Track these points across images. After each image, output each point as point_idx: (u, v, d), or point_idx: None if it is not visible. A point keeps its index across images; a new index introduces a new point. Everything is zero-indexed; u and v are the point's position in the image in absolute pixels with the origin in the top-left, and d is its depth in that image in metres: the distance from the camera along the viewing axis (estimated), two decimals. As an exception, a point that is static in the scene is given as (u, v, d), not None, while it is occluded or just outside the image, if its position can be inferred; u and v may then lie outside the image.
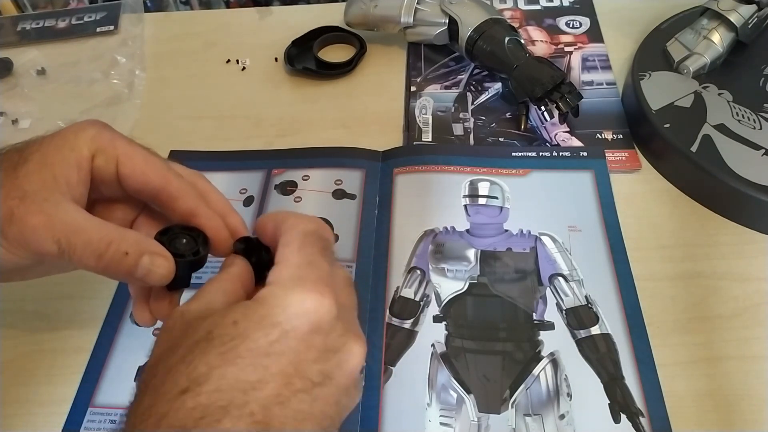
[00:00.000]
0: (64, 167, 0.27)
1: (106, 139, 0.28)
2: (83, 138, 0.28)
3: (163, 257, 0.27)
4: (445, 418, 0.34)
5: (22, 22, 0.64)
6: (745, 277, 0.39)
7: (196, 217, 0.29)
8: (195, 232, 0.28)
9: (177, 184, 0.29)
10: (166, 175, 0.29)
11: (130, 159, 0.28)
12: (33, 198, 0.26)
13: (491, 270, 0.39)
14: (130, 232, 0.27)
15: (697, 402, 0.34)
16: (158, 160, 0.29)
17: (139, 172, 0.28)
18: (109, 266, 0.26)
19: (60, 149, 0.27)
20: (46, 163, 0.27)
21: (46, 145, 0.28)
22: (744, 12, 0.47)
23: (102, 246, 0.26)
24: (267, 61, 0.58)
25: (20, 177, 0.26)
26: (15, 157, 0.27)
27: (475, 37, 0.50)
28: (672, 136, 0.43)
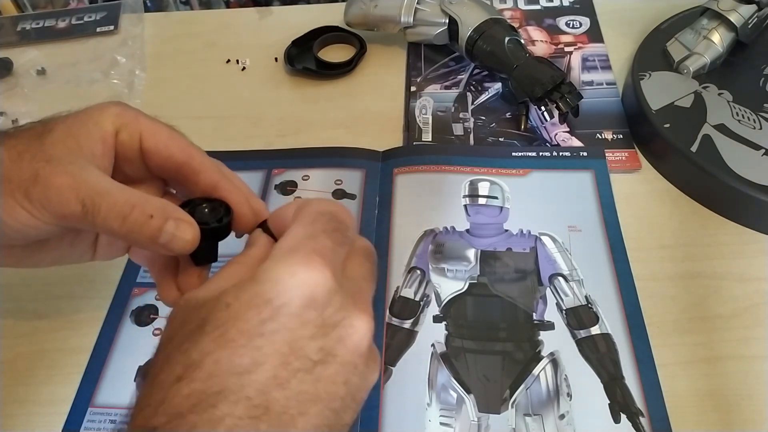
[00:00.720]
0: (89, 139, 0.27)
1: (130, 115, 0.29)
2: (107, 114, 0.28)
3: (188, 223, 0.26)
4: (445, 418, 0.34)
5: (22, 22, 0.64)
6: (746, 277, 0.39)
7: (218, 190, 0.29)
8: (217, 203, 0.28)
9: (200, 158, 0.29)
10: (189, 150, 0.29)
11: (153, 134, 0.28)
12: (59, 161, 0.26)
13: (491, 270, 0.39)
14: (155, 198, 0.27)
15: (697, 402, 0.34)
16: (181, 136, 0.29)
17: (163, 146, 0.28)
18: (132, 230, 0.26)
19: (85, 123, 0.28)
20: (71, 134, 0.27)
21: (71, 119, 0.28)
22: (744, 12, 0.47)
23: (126, 208, 0.25)
24: (267, 61, 0.58)
25: (46, 144, 0.26)
26: (39, 128, 0.27)
27: (475, 37, 0.50)
28: (672, 136, 0.43)
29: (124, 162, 0.29)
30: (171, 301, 0.30)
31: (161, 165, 0.29)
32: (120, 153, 0.29)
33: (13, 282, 0.41)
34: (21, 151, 0.26)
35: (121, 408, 0.35)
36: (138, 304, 0.40)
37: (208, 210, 0.28)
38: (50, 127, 0.27)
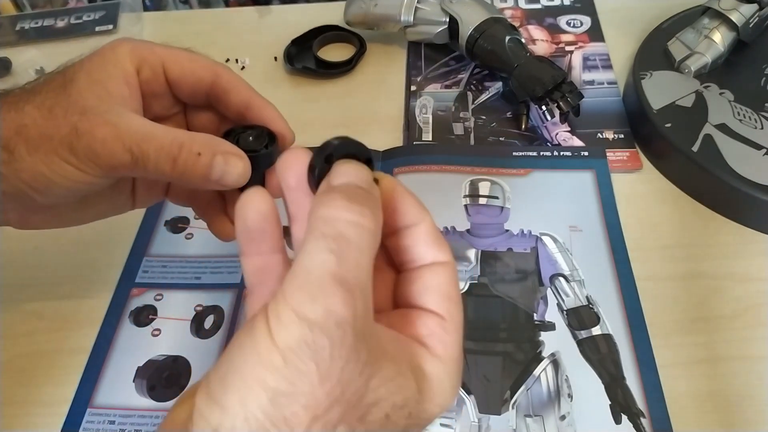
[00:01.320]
0: (114, 83, 0.26)
1: (146, 49, 0.27)
2: (122, 53, 0.27)
3: (237, 156, 0.26)
4: (445, 419, 0.33)
5: (21, 22, 0.64)
6: (747, 277, 0.39)
7: (251, 109, 0.28)
8: (258, 129, 0.27)
9: (227, 75, 0.28)
10: (214, 68, 0.28)
11: (175, 62, 0.28)
12: (94, 111, 0.25)
13: (492, 270, 0.39)
14: (200, 134, 0.26)
15: (698, 403, 0.33)
16: (203, 57, 0.29)
17: (188, 71, 0.28)
18: (185, 171, 0.25)
19: (104, 67, 0.26)
20: (95, 80, 0.26)
21: (89, 65, 0.26)
22: (745, 11, 0.46)
23: (174, 149, 0.25)
24: (266, 61, 0.58)
25: (73, 95, 0.25)
26: (59, 79, 0.26)
27: (475, 36, 0.50)
28: (673, 135, 0.43)
29: (153, 99, 0.28)
30: (226, 236, 0.29)
31: (190, 91, 0.28)
32: (146, 91, 0.28)
33: (12, 283, 0.41)
34: (50, 107, 0.25)
35: (120, 409, 0.35)
36: (137, 304, 0.39)
37: (252, 138, 0.27)
38: (71, 76, 0.26)
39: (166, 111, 0.29)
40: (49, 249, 0.43)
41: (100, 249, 0.43)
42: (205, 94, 0.29)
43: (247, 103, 0.28)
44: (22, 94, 0.26)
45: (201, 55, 0.29)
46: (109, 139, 0.25)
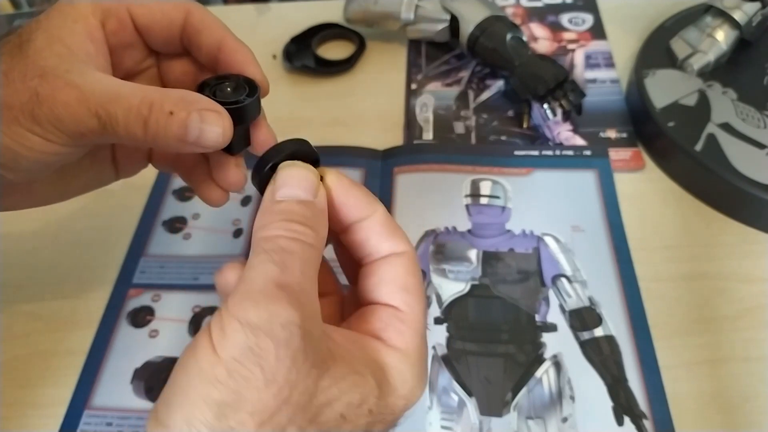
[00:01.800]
0: (76, 39, 0.24)
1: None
2: (83, 5, 0.24)
3: (215, 111, 0.23)
4: (446, 421, 0.33)
5: (19, 20, 0.64)
6: (751, 277, 0.38)
7: (224, 52, 0.26)
8: (235, 77, 0.25)
9: (199, 13, 0.26)
10: (185, 6, 0.26)
11: (142, 5, 0.25)
12: (54, 73, 0.22)
13: (493, 271, 0.39)
14: (172, 90, 0.23)
15: (701, 404, 0.33)
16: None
17: (158, 13, 0.25)
18: (158, 133, 0.23)
19: (64, 22, 0.24)
20: (55, 38, 0.23)
21: (47, 22, 0.24)
22: (748, 10, 0.46)
23: (144, 109, 0.22)
24: (265, 59, 0.57)
25: (30, 56, 0.23)
26: (15, 40, 0.24)
27: (476, 35, 0.50)
28: (676, 134, 0.43)
29: (122, 52, 0.26)
30: (215, 202, 0.27)
31: (162, 36, 0.26)
32: (114, 43, 0.25)
33: (8, 283, 0.41)
34: (5, 71, 0.23)
35: (117, 410, 0.35)
36: (134, 305, 0.39)
37: (230, 88, 0.24)
38: (27, 36, 0.24)
39: (138, 64, 0.27)
40: (47, 250, 0.43)
41: (97, 249, 0.43)
42: (179, 39, 0.26)
43: (219, 44, 0.26)
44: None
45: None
46: (72, 103, 0.22)
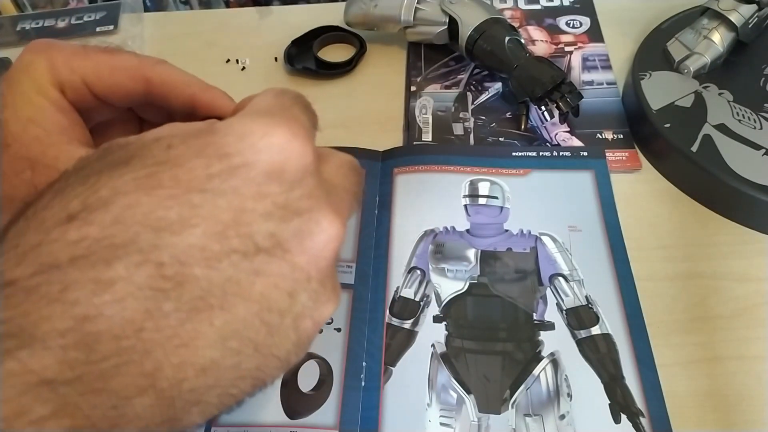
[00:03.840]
0: (47, 115, 0.23)
1: (62, 65, 0.24)
2: (41, 75, 0.24)
3: None
4: (445, 418, 0.33)
5: (22, 22, 0.64)
6: (746, 277, 0.39)
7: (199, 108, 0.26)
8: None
9: (159, 78, 0.25)
10: (142, 74, 0.25)
11: (95, 76, 0.24)
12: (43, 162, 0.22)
13: (491, 270, 0.39)
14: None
15: (697, 402, 0.34)
16: (126, 58, 0.25)
17: (113, 85, 0.24)
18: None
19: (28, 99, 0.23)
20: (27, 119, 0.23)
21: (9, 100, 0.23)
22: (744, 12, 0.47)
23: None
24: (267, 61, 0.58)
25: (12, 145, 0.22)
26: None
27: (475, 37, 0.50)
28: (672, 135, 0.43)
29: (90, 113, 0.25)
30: None
31: (124, 102, 0.25)
32: (80, 108, 0.25)
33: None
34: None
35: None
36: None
37: None
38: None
39: (111, 115, 0.27)
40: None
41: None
42: (143, 99, 0.26)
43: (191, 102, 0.26)
44: None
45: (125, 57, 0.25)
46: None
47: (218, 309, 0.15)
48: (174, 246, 0.15)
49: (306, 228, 0.17)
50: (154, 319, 0.14)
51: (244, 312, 0.16)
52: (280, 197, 0.16)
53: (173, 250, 0.15)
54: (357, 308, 0.38)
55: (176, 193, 0.15)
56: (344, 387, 0.34)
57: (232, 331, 0.16)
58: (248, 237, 0.16)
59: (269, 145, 0.16)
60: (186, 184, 0.15)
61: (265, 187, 0.16)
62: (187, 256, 0.15)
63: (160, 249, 0.15)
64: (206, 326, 0.15)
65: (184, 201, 0.15)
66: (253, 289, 0.16)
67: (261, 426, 0.33)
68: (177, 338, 0.15)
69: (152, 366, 0.14)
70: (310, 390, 0.34)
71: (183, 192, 0.15)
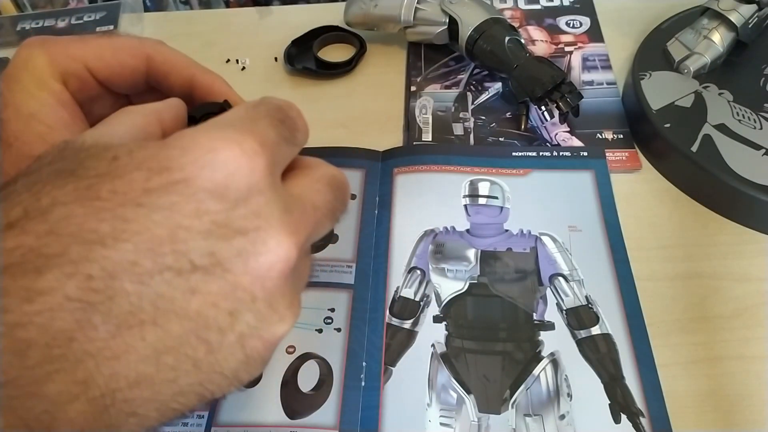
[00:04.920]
0: (48, 111, 0.23)
1: (62, 54, 0.24)
2: (41, 67, 0.23)
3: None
4: (445, 418, 0.33)
5: (22, 22, 0.64)
6: (746, 277, 0.39)
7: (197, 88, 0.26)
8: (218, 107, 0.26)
9: (160, 56, 0.25)
10: (143, 51, 0.25)
11: (98, 59, 0.24)
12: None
13: (491, 270, 0.39)
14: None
15: (697, 402, 0.34)
16: (127, 40, 0.25)
17: (116, 65, 0.24)
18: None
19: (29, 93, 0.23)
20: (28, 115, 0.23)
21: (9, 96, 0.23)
22: (744, 12, 0.47)
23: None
24: (267, 61, 0.58)
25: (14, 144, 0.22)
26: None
27: (475, 37, 0.50)
28: (672, 135, 0.43)
29: (91, 104, 0.25)
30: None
31: (126, 84, 0.25)
32: (80, 99, 0.25)
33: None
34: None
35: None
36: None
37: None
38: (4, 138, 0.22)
39: (110, 109, 0.26)
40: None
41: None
42: (144, 81, 0.26)
43: (190, 82, 0.26)
44: None
45: (125, 38, 0.25)
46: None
47: (150, 324, 0.15)
48: (104, 259, 0.15)
49: (250, 248, 0.16)
50: (84, 330, 0.15)
51: (179, 329, 0.16)
52: (220, 215, 0.16)
53: (103, 263, 0.15)
54: (357, 308, 0.38)
55: (111, 206, 0.15)
56: (344, 387, 0.34)
57: (166, 347, 0.16)
58: (183, 254, 0.16)
59: (213, 161, 0.16)
60: (122, 197, 0.15)
61: (205, 204, 0.16)
62: (118, 271, 0.15)
63: (90, 261, 0.15)
64: (138, 340, 0.15)
65: (118, 214, 0.15)
66: (189, 306, 0.16)
67: (261, 426, 0.33)
68: (108, 350, 0.15)
69: (84, 375, 0.15)
70: (310, 390, 0.34)
71: (118, 205, 0.15)
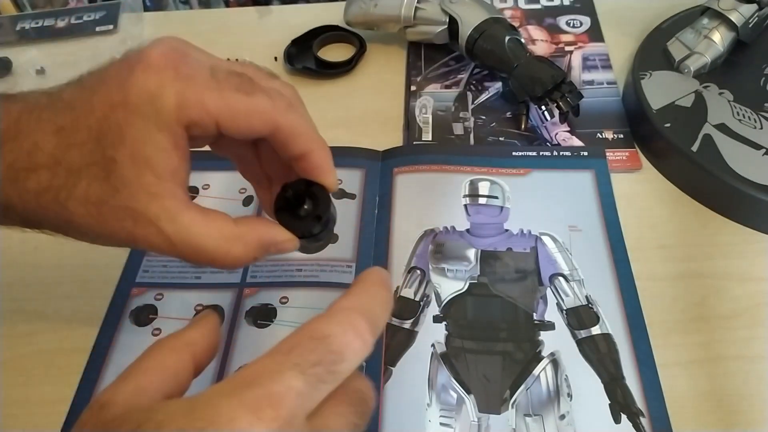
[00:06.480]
0: (162, 157, 0.23)
1: (196, 105, 0.23)
2: (168, 112, 0.23)
3: (289, 240, 0.27)
4: (445, 418, 0.33)
5: (22, 22, 0.64)
6: (746, 277, 0.39)
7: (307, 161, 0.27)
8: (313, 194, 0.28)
9: (288, 127, 0.26)
10: (274, 121, 0.25)
11: (231, 119, 0.24)
12: (146, 217, 0.24)
13: (491, 270, 0.39)
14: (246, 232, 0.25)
15: (697, 402, 0.34)
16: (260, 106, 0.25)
17: (244, 127, 0.25)
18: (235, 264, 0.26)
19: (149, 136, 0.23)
20: (141, 160, 0.23)
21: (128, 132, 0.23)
22: (744, 11, 0.47)
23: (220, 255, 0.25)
24: (266, 61, 0.58)
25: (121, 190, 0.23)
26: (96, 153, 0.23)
27: (475, 36, 0.50)
28: (673, 135, 0.43)
29: (200, 142, 0.27)
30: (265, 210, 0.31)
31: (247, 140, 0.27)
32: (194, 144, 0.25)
33: (12, 282, 0.41)
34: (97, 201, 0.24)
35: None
36: (137, 304, 0.39)
37: (308, 206, 0.28)
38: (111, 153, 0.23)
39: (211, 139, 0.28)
40: (49, 249, 0.43)
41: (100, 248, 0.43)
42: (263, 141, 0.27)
43: (305, 155, 0.27)
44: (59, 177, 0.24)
45: (259, 101, 0.25)
46: (164, 248, 0.25)
47: None
48: None
49: None
50: None
51: None
52: None
53: None
54: (357, 308, 0.38)
55: None
56: (344, 387, 0.34)
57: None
58: None
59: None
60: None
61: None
62: None
63: None
64: None
65: None
66: None
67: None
68: None
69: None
70: (310, 390, 0.34)
71: None
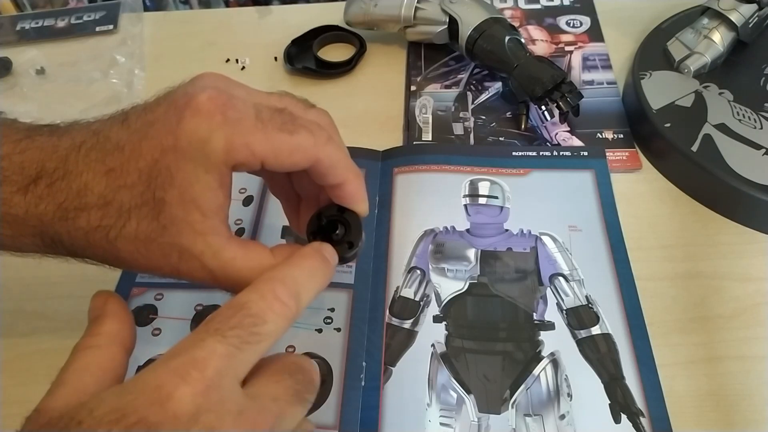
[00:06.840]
0: (208, 197, 0.24)
1: (241, 147, 0.24)
2: (217, 155, 0.24)
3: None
4: (445, 418, 0.33)
5: (21, 22, 0.64)
6: (746, 276, 0.39)
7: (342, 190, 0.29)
8: (346, 220, 0.30)
9: (327, 161, 0.27)
10: (315, 157, 0.26)
11: (275, 159, 0.25)
12: (191, 252, 0.25)
13: (491, 270, 0.39)
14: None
15: (697, 402, 0.34)
16: (304, 143, 0.26)
17: (288, 165, 0.26)
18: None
19: (197, 177, 0.24)
20: (189, 200, 0.24)
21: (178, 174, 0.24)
22: (744, 11, 0.47)
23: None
24: (266, 61, 0.58)
25: (168, 228, 0.24)
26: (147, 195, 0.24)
27: (475, 37, 0.50)
28: (673, 135, 0.43)
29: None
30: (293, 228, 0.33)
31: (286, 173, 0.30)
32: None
33: (12, 282, 0.41)
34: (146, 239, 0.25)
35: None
36: (137, 303, 0.39)
37: (339, 232, 0.30)
38: (161, 194, 0.24)
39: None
40: (50, 249, 0.43)
41: (101, 249, 0.43)
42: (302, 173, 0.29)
43: (341, 184, 0.28)
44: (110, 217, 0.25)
45: (303, 137, 0.26)
46: (207, 280, 0.26)
47: None
48: None
49: None
50: None
51: None
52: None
53: None
54: (357, 308, 0.38)
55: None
56: (344, 387, 0.34)
57: None
58: None
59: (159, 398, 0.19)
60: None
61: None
62: None
63: None
64: None
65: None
66: None
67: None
68: None
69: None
70: (310, 390, 0.34)
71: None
